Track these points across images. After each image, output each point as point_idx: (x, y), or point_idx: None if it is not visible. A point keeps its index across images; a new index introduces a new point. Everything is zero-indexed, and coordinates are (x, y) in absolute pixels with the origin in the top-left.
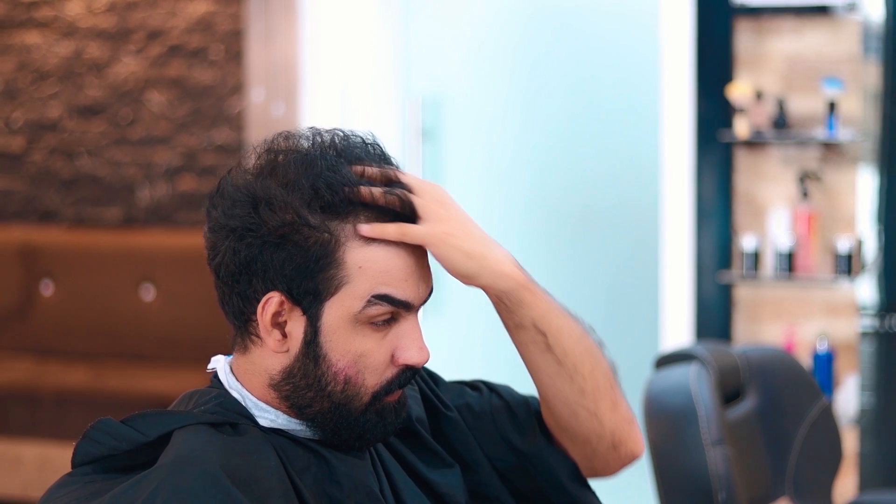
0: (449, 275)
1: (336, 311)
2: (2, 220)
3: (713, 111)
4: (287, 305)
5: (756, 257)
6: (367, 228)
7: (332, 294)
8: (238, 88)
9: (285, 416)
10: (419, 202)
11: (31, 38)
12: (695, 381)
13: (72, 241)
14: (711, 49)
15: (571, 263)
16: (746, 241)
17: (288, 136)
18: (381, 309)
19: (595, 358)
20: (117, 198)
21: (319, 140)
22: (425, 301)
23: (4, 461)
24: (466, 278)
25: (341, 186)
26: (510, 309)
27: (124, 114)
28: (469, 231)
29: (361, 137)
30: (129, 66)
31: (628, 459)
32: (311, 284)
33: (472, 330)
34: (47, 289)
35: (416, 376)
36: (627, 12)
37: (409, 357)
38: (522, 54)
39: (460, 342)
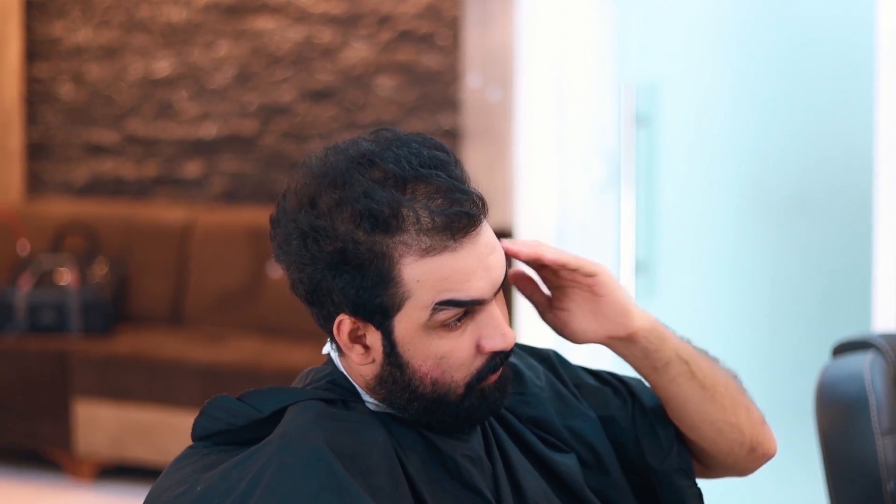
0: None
1: (406, 324)
2: (234, 203)
3: None
4: (360, 323)
5: None
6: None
7: (398, 310)
8: (462, 74)
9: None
10: (577, 257)
11: (265, 23)
12: (868, 370)
13: None
14: None
15: (783, 253)
16: None
17: (323, 159)
18: (450, 313)
19: (720, 370)
20: None
21: (353, 159)
22: (500, 285)
23: None
24: (623, 315)
25: (384, 205)
26: (656, 349)
27: (354, 98)
28: None
29: (410, 144)
30: (359, 52)
31: (764, 459)
32: (375, 304)
33: (687, 314)
34: (275, 270)
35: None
36: (844, 1)
37: (494, 344)
38: (738, 43)
39: (673, 326)
